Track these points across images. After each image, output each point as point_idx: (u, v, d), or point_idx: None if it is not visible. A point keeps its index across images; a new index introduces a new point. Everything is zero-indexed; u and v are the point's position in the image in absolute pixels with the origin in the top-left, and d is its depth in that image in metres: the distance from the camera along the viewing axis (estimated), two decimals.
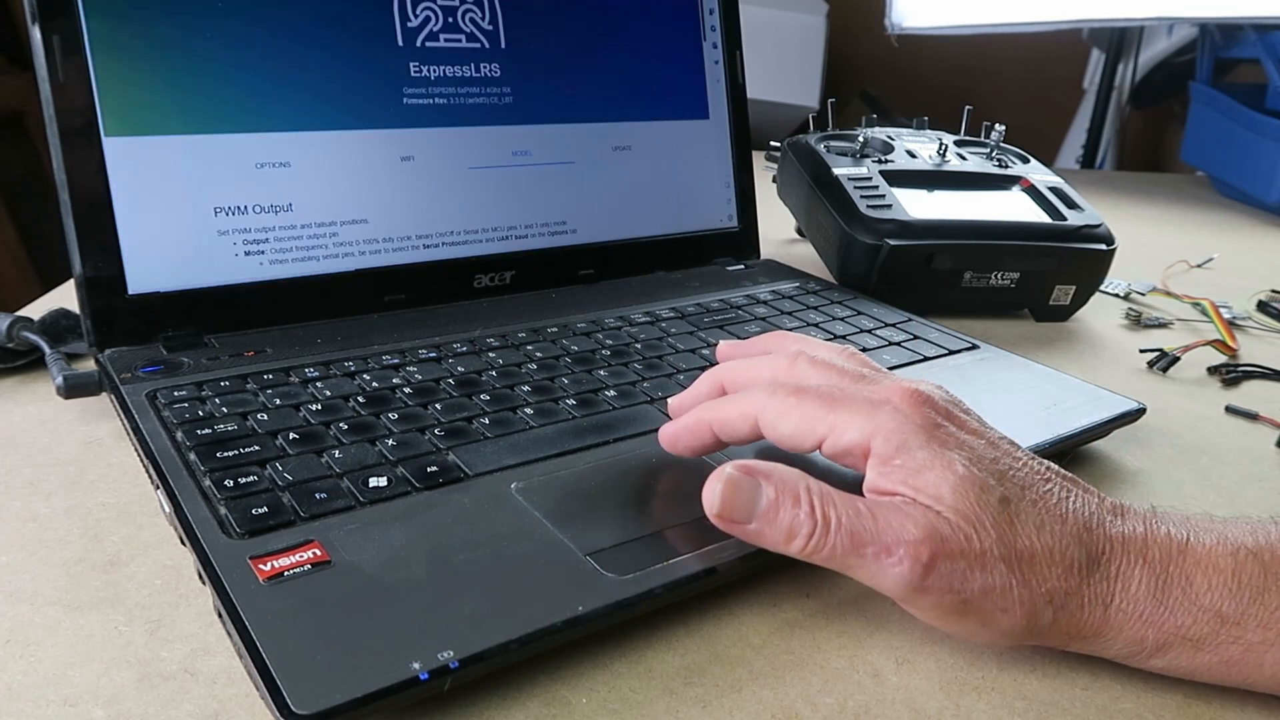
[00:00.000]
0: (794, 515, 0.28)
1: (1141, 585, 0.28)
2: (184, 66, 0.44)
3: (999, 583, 0.27)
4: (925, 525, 0.27)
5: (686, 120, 0.60)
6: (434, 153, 0.51)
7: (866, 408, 0.30)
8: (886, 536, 0.27)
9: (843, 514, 0.28)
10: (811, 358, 0.33)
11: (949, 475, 0.28)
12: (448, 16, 0.51)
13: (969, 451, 0.29)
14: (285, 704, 0.24)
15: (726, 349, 0.39)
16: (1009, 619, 0.28)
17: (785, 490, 0.28)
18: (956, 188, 0.65)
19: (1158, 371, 0.56)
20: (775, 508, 0.28)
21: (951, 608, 0.28)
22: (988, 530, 0.28)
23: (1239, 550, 0.28)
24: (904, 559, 0.27)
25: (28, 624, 0.30)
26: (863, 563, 0.28)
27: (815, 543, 0.28)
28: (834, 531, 0.28)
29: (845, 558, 0.28)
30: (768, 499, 0.28)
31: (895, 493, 0.29)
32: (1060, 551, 0.28)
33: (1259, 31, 1.07)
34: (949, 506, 0.28)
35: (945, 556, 0.27)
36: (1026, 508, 0.29)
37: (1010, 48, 1.55)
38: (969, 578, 0.27)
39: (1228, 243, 0.91)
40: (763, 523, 0.29)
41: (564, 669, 0.29)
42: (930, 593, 0.27)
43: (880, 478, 0.29)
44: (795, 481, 0.29)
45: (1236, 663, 0.28)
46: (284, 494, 0.32)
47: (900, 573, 0.27)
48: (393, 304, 0.49)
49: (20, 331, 0.47)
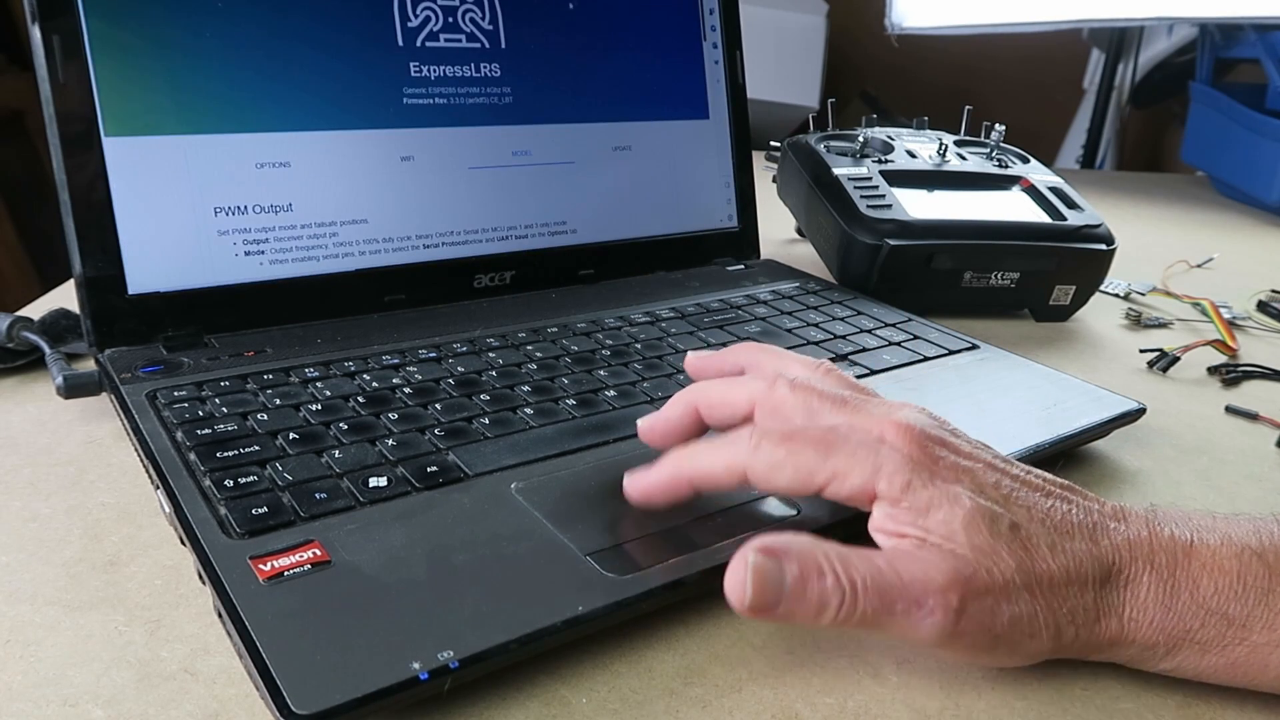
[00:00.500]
0: (821, 588, 0.27)
1: (1150, 592, 0.28)
2: (184, 66, 0.44)
3: (1025, 611, 0.27)
4: (948, 570, 0.27)
5: (686, 120, 0.60)
6: (434, 153, 0.51)
7: (864, 451, 0.29)
8: (914, 589, 0.27)
9: (866, 575, 0.27)
10: (791, 381, 0.32)
11: (958, 511, 0.28)
12: (448, 16, 0.51)
13: (971, 479, 0.29)
14: (285, 704, 0.24)
15: (696, 362, 0.37)
16: (1036, 643, 0.28)
17: (808, 564, 0.27)
18: (956, 188, 0.65)
19: (1158, 371, 0.56)
20: (801, 584, 0.27)
21: (983, 644, 0.27)
22: (1005, 560, 0.27)
23: (1243, 551, 0.28)
24: (935, 609, 0.27)
25: (28, 624, 0.30)
26: (893, 620, 0.27)
27: (846, 611, 0.27)
28: (862, 595, 0.27)
29: (877, 618, 0.27)
30: (792, 577, 0.27)
31: (905, 535, 0.28)
32: (1075, 569, 0.28)
33: (1259, 31, 1.07)
34: (964, 543, 0.27)
35: (973, 596, 0.27)
36: (1036, 529, 0.28)
37: (1010, 48, 1.55)
38: (997, 612, 0.27)
39: (1228, 243, 0.90)
40: (791, 603, 0.27)
41: (564, 669, 0.29)
42: (964, 635, 0.27)
43: (888, 520, 0.28)
44: (814, 552, 0.27)
45: (1242, 664, 0.28)
46: (284, 494, 0.32)
47: (934, 622, 0.27)
48: (393, 304, 0.49)
49: (20, 331, 0.47)
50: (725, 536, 0.32)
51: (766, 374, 0.33)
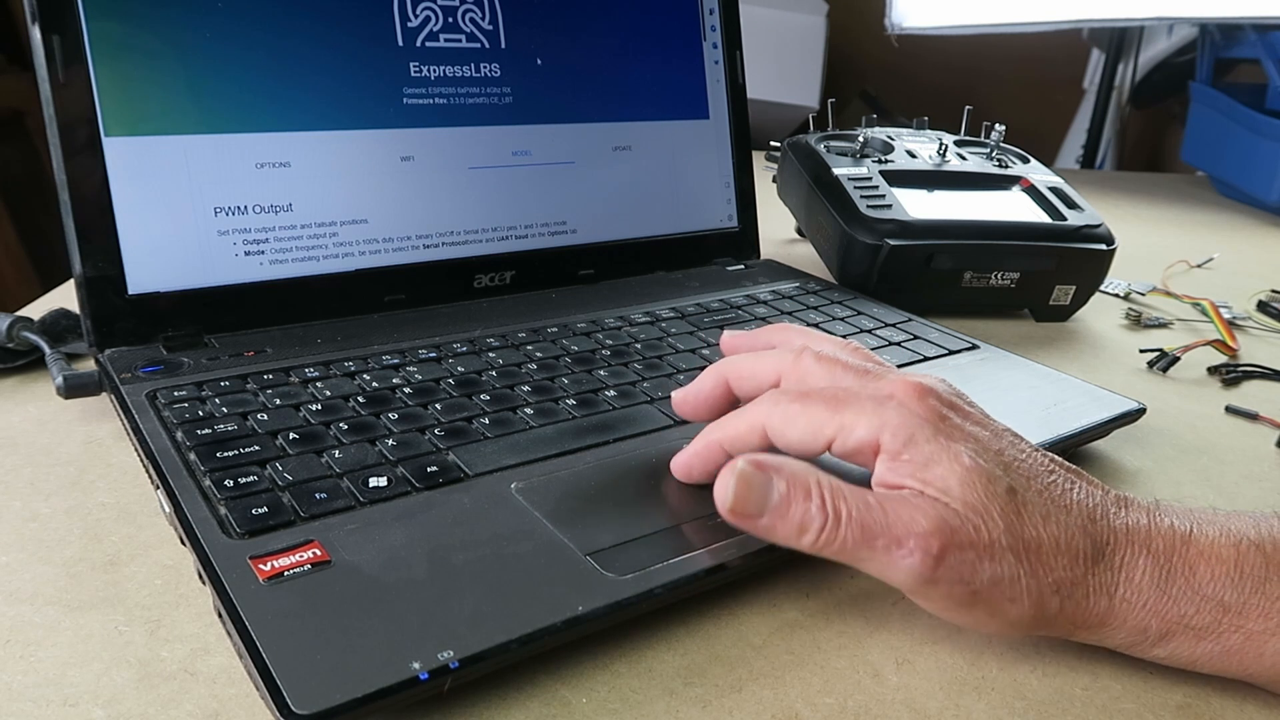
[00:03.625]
0: (805, 509, 0.28)
1: (1145, 575, 0.28)
2: (184, 66, 0.44)
3: (1007, 573, 0.28)
4: (935, 517, 0.27)
5: (686, 120, 0.60)
6: (434, 153, 0.51)
7: (872, 405, 0.30)
8: (897, 529, 0.27)
9: (853, 507, 0.28)
10: (816, 353, 0.33)
11: (956, 467, 0.28)
12: (448, 16, 0.51)
13: (975, 442, 0.30)
14: (285, 704, 0.24)
15: (731, 340, 0.39)
16: (1017, 609, 0.28)
17: (796, 484, 0.28)
18: (956, 188, 0.65)
19: (1158, 371, 0.56)
20: (787, 502, 0.28)
21: (961, 598, 0.28)
22: (995, 521, 0.28)
23: (1241, 541, 0.29)
24: (914, 551, 0.27)
25: (28, 624, 0.30)
26: (873, 555, 0.28)
27: (826, 536, 0.28)
28: (845, 525, 0.28)
29: (856, 550, 0.28)
30: (779, 493, 0.28)
31: (903, 486, 0.29)
32: (1066, 541, 0.28)
33: (1259, 31, 1.07)
34: (957, 498, 0.28)
35: (955, 547, 0.27)
36: (1033, 498, 0.29)
37: (1010, 48, 1.55)
38: (978, 568, 0.27)
39: (1228, 243, 0.91)
40: (774, 517, 0.28)
41: (564, 669, 0.29)
42: (940, 584, 0.28)
43: (888, 472, 0.29)
44: (806, 475, 0.29)
45: (1237, 652, 0.28)
46: (284, 494, 0.32)
47: (911, 564, 0.27)
48: (393, 304, 0.49)
49: (20, 331, 0.47)
50: (725, 537, 0.32)
51: (795, 347, 0.34)
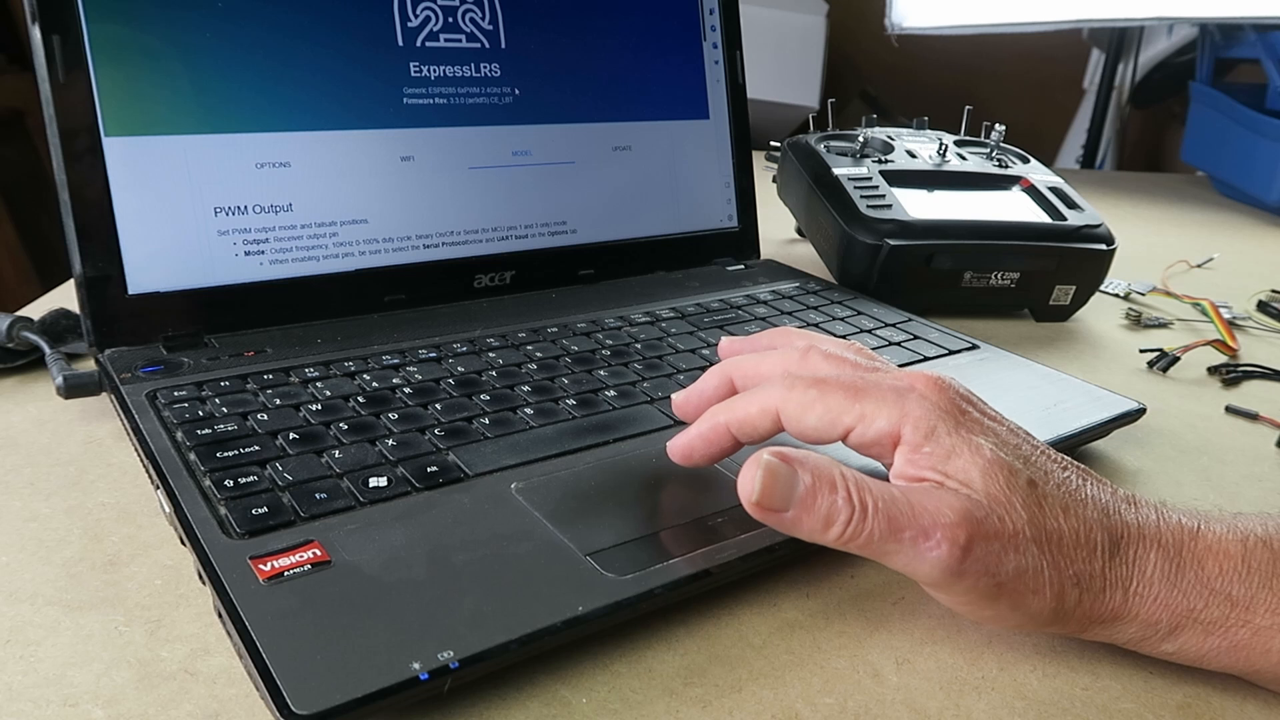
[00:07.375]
0: (831, 501, 0.28)
1: (1156, 569, 0.28)
2: (184, 66, 0.44)
3: (1031, 564, 0.28)
4: (960, 509, 0.27)
5: (686, 120, 0.60)
6: (434, 153, 0.51)
7: (893, 396, 0.30)
8: (923, 520, 0.27)
9: (879, 499, 0.28)
10: (823, 351, 0.33)
11: (978, 459, 0.28)
12: (448, 16, 0.51)
13: (994, 436, 0.30)
14: (285, 704, 0.24)
15: (729, 345, 0.38)
16: (1039, 601, 0.28)
17: (821, 477, 0.28)
18: (956, 188, 0.65)
19: (1158, 371, 0.56)
20: (813, 494, 0.28)
21: (986, 591, 0.28)
22: (1019, 512, 0.28)
23: (1248, 537, 0.29)
24: (942, 542, 0.27)
25: (28, 624, 0.30)
26: (900, 548, 0.28)
27: (853, 529, 0.28)
28: (871, 517, 0.27)
29: (883, 543, 0.28)
30: (805, 485, 0.28)
31: (924, 479, 0.29)
32: (1085, 534, 0.28)
33: (1259, 31, 1.07)
34: (980, 490, 0.28)
35: (981, 538, 0.27)
36: (1051, 490, 0.29)
37: (1010, 48, 1.55)
38: (1004, 559, 0.27)
39: (1228, 243, 0.91)
40: (800, 510, 0.28)
41: (564, 669, 0.29)
42: (967, 576, 0.27)
43: (909, 465, 0.29)
44: (830, 468, 0.28)
45: (1244, 647, 0.28)
46: (284, 494, 0.32)
47: (939, 556, 0.27)
48: (393, 304, 0.49)
49: (20, 331, 0.47)
50: (725, 537, 0.32)
51: (799, 346, 0.34)
